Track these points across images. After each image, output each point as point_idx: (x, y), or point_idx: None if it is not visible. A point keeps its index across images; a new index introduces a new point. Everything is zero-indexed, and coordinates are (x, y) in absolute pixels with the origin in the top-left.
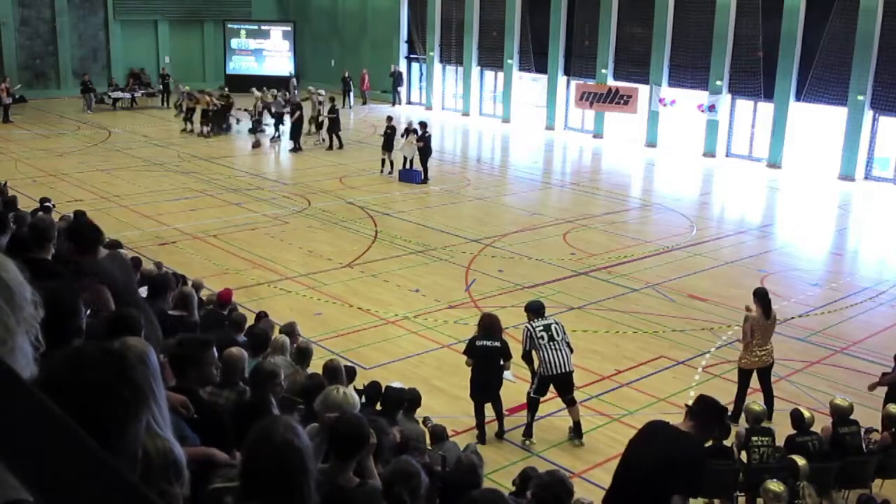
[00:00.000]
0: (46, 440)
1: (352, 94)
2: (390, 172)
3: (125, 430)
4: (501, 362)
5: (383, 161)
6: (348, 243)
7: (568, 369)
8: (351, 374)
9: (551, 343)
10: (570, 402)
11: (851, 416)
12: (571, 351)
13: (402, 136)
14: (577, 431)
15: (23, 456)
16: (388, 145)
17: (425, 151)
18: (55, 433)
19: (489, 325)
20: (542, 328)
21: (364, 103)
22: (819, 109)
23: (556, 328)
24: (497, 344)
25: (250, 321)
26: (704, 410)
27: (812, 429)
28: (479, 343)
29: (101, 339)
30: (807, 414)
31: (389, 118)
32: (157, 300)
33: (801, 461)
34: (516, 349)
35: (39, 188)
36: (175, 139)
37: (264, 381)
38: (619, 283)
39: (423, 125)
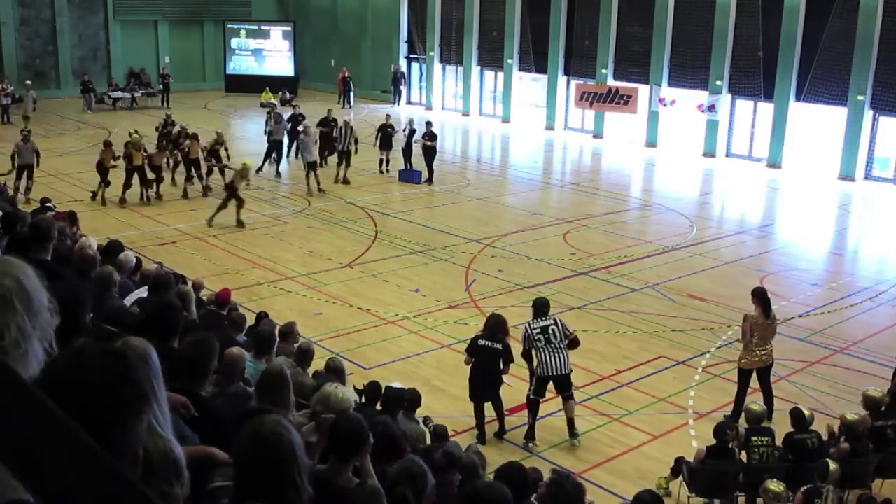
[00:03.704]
0: (47, 441)
1: (352, 94)
2: (388, 171)
3: (127, 431)
4: (501, 365)
5: (381, 160)
6: (348, 243)
7: (564, 371)
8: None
9: (548, 346)
10: (567, 398)
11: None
12: (576, 345)
13: (403, 131)
14: (570, 429)
15: (23, 456)
16: (386, 144)
17: (431, 152)
18: (55, 433)
19: (494, 326)
20: (539, 330)
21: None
22: (819, 109)
23: (553, 330)
24: (498, 346)
25: (250, 321)
26: None
27: (811, 427)
28: (481, 342)
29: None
30: (806, 412)
31: (388, 117)
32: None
33: (833, 465)
34: (518, 351)
35: (39, 188)
36: None
37: (283, 387)
38: (619, 283)
39: (430, 124)
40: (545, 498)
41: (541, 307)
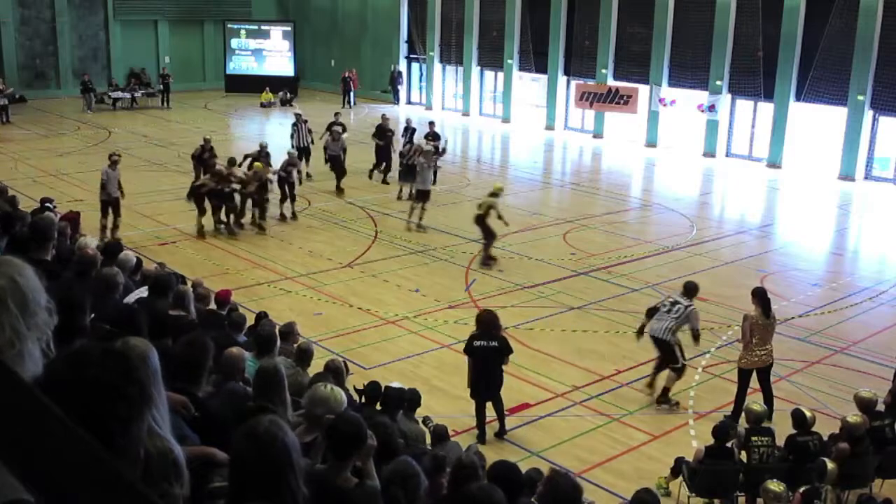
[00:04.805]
0: (47, 441)
1: (352, 93)
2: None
3: (128, 430)
4: (501, 363)
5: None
6: (348, 243)
7: (658, 335)
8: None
9: (666, 314)
10: (661, 368)
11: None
12: (696, 338)
13: (402, 136)
14: (662, 395)
15: (23, 456)
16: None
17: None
18: (56, 434)
19: (487, 323)
20: (672, 301)
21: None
22: (819, 109)
23: (679, 308)
24: (495, 343)
25: (250, 321)
26: None
27: (813, 429)
28: (477, 343)
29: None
30: (808, 414)
31: (384, 117)
32: (158, 300)
33: (830, 465)
34: (518, 350)
35: (39, 188)
36: (176, 139)
37: (278, 384)
38: (619, 283)
39: (433, 124)
40: (543, 496)
41: (688, 289)
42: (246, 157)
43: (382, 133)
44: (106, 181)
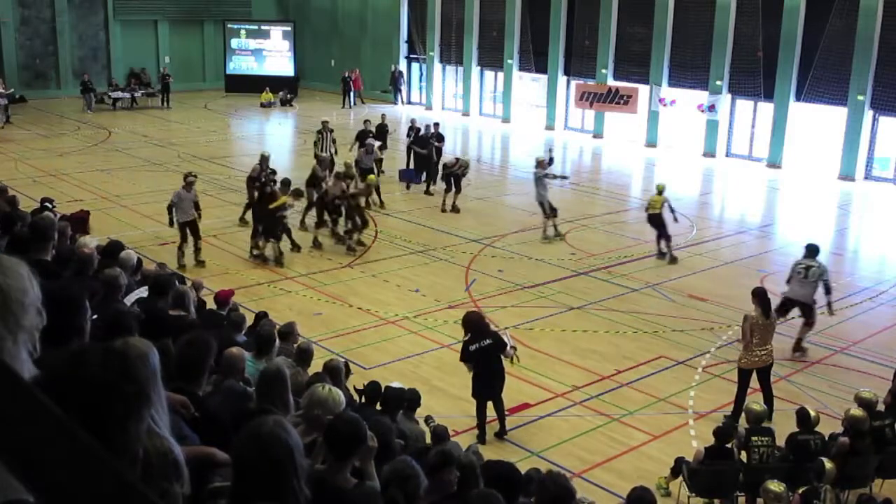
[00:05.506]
0: (47, 440)
1: (352, 94)
2: (382, 171)
3: (127, 429)
4: (502, 359)
5: (380, 160)
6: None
7: (802, 300)
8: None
9: (803, 279)
10: (805, 323)
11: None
12: (828, 292)
13: (406, 136)
14: (797, 344)
15: (23, 456)
16: (382, 144)
17: (437, 153)
18: (55, 433)
19: (475, 324)
20: (804, 266)
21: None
22: (819, 109)
23: (814, 270)
24: (489, 341)
25: (250, 321)
26: None
27: (816, 429)
28: (473, 347)
29: (102, 339)
30: (812, 413)
31: (383, 116)
32: (158, 299)
33: (828, 464)
34: (518, 350)
35: (39, 188)
36: (175, 139)
37: (281, 387)
38: (619, 283)
39: (437, 125)
40: (536, 501)
41: (811, 251)
42: (321, 182)
43: (424, 142)
44: (177, 202)
